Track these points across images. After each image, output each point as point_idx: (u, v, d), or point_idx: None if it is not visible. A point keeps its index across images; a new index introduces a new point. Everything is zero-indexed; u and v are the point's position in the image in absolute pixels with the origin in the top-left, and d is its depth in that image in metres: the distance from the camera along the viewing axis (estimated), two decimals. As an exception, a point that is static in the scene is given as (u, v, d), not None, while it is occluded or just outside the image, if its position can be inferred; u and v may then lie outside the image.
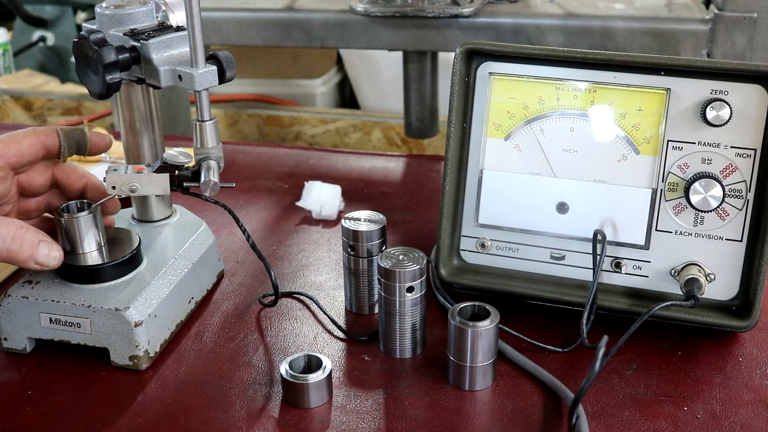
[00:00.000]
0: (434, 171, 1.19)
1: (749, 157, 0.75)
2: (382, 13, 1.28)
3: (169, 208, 0.88)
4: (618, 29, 1.24)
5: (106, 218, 0.82)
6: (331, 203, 1.04)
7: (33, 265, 0.72)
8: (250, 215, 1.06)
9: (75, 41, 0.75)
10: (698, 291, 0.74)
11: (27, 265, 0.72)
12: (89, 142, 0.79)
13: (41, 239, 0.72)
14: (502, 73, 0.80)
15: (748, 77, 0.74)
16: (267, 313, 0.85)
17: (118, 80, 0.74)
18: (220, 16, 1.38)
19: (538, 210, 0.81)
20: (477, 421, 0.69)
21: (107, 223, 0.82)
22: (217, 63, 0.74)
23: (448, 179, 0.82)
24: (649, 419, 0.69)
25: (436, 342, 0.79)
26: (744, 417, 0.69)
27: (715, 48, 1.21)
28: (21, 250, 0.71)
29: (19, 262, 0.71)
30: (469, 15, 1.26)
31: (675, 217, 0.77)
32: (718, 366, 0.76)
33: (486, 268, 0.83)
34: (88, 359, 0.77)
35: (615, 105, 0.78)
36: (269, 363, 0.77)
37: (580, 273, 0.81)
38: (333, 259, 0.95)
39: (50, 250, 0.72)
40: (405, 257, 0.75)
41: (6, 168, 0.75)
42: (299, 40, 1.36)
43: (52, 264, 0.73)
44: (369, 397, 0.72)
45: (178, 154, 0.78)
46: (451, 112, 0.81)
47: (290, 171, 1.19)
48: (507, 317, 0.76)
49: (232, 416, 0.70)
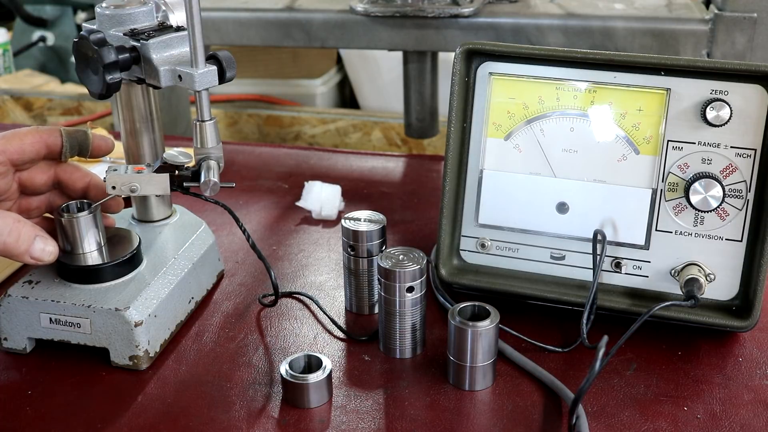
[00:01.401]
0: (434, 171, 1.19)
1: (749, 157, 0.75)
2: (382, 13, 1.28)
3: (169, 208, 0.88)
4: (618, 29, 1.24)
5: (107, 218, 0.82)
6: (331, 203, 1.04)
7: (28, 260, 0.72)
8: (250, 215, 1.06)
9: (75, 41, 0.75)
10: (698, 291, 0.74)
11: (22, 258, 0.72)
12: (91, 144, 0.80)
13: (37, 234, 0.72)
14: (502, 73, 0.80)
15: (748, 77, 0.74)
16: (267, 313, 0.85)
17: (118, 80, 0.74)
18: (220, 16, 1.38)
19: (538, 210, 0.81)
20: (477, 421, 0.69)
21: (108, 223, 0.82)
22: (217, 63, 0.74)
23: (448, 179, 0.82)
24: (649, 419, 0.69)
25: (436, 342, 0.79)
26: (744, 417, 0.69)
27: (715, 48, 1.21)
28: (17, 243, 0.71)
29: (14, 255, 0.71)
30: (469, 15, 1.26)
31: (675, 217, 0.77)
32: (718, 366, 0.76)
33: (486, 268, 0.83)
34: (88, 359, 0.77)
35: (615, 105, 0.78)
36: (269, 363, 0.77)
37: (580, 273, 0.81)
38: (333, 259, 0.95)
39: (46, 244, 0.72)
40: (405, 257, 0.75)
41: (7, 164, 0.75)
42: (299, 40, 1.36)
43: (47, 259, 0.73)
44: (369, 397, 0.72)
45: (178, 154, 0.78)
46: (451, 112, 0.81)
47: (290, 171, 1.19)
48: (507, 317, 0.76)
49: (232, 416, 0.70)
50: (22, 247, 0.71)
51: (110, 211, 0.82)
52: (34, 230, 0.72)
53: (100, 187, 0.80)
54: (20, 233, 0.71)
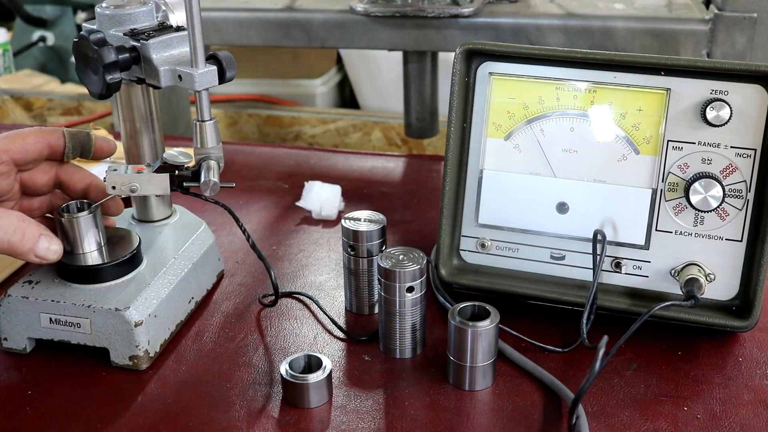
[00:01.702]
0: (434, 171, 1.19)
1: (749, 157, 0.75)
2: (382, 13, 1.28)
3: (169, 208, 0.88)
4: (618, 29, 1.24)
5: (107, 219, 0.82)
6: (331, 203, 1.04)
7: (33, 258, 0.72)
8: (250, 215, 1.06)
9: (75, 41, 0.75)
10: (698, 291, 0.74)
11: (27, 257, 0.72)
12: (94, 146, 0.80)
13: (42, 232, 0.72)
14: (502, 73, 0.80)
15: (748, 77, 0.74)
16: (267, 313, 0.85)
17: (118, 80, 0.74)
18: (220, 16, 1.38)
19: (538, 210, 0.81)
20: (477, 421, 0.69)
21: (108, 223, 0.82)
22: (217, 63, 0.74)
23: (448, 179, 0.82)
24: (649, 419, 0.69)
25: (436, 342, 0.79)
26: (744, 417, 0.69)
27: (715, 48, 1.21)
28: (22, 242, 0.71)
29: (19, 254, 0.71)
30: (469, 15, 1.26)
31: (675, 217, 0.77)
32: (718, 366, 0.76)
33: (486, 268, 0.83)
34: (88, 359, 0.77)
35: (615, 105, 0.78)
36: (269, 363, 0.77)
37: (580, 273, 0.81)
38: (333, 259, 0.95)
39: (51, 243, 0.72)
40: (405, 257, 0.75)
41: (10, 163, 0.75)
42: (299, 40, 1.36)
43: (52, 257, 0.73)
44: (369, 397, 0.72)
45: (178, 154, 0.78)
46: (451, 112, 0.81)
47: (290, 171, 1.19)
48: (507, 317, 0.76)
49: (232, 416, 0.70)
50: (27, 245, 0.71)
51: (110, 213, 0.82)
52: (38, 229, 0.72)
53: (100, 189, 0.80)
54: (25, 231, 0.71)
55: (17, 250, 0.71)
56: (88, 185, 0.80)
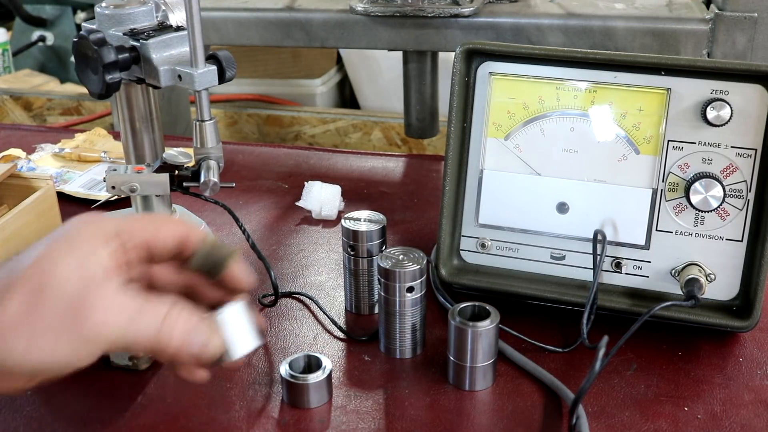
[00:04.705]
0: (434, 171, 1.19)
1: (750, 157, 0.75)
2: (382, 12, 1.28)
3: (168, 208, 0.88)
4: (618, 29, 1.24)
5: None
6: (331, 203, 1.04)
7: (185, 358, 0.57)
8: (250, 215, 1.05)
9: (75, 41, 0.75)
10: (698, 291, 0.74)
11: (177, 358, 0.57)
12: (226, 270, 0.61)
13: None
14: (502, 73, 0.80)
15: (748, 77, 0.74)
16: (267, 313, 0.85)
17: (118, 80, 0.74)
18: (220, 16, 1.38)
19: (538, 210, 0.81)
20: (477, 422, 0.69)
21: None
22: (217, 63, 0.74)
23: (448, 179, 0.82)
24: (649, 419, 0.69)
25: (436, 342, 0.79)
26: (744, 417, 0.69)
27: (715, 48, 1.21)
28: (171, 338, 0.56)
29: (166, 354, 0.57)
30: (469, 15, 1.26)
31: (675, 217, 0.77)
32: (718, 366, 0.75)
33: (486, 268, 0.83)
34: (87, 359, 0.77)
35: (615, 105, 0.78)
36: (269, 363, 0.77)
37: (580, 273, 0.81)
38: (333, 259, 0.95)
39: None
40: (405, 257, 0.75)
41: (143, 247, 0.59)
42: (299, 40, 1.36)
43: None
44: (369, 397, 0.72)
45: (178, 154, 0.78)
46: (451, 112, 0.81)
47: (290, 171, 1.19)
48: (507, 317, 0.76)
49: (232, 416, 0.70)
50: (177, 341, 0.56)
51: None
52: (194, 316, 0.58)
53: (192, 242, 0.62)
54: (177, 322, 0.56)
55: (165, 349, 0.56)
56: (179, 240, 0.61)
